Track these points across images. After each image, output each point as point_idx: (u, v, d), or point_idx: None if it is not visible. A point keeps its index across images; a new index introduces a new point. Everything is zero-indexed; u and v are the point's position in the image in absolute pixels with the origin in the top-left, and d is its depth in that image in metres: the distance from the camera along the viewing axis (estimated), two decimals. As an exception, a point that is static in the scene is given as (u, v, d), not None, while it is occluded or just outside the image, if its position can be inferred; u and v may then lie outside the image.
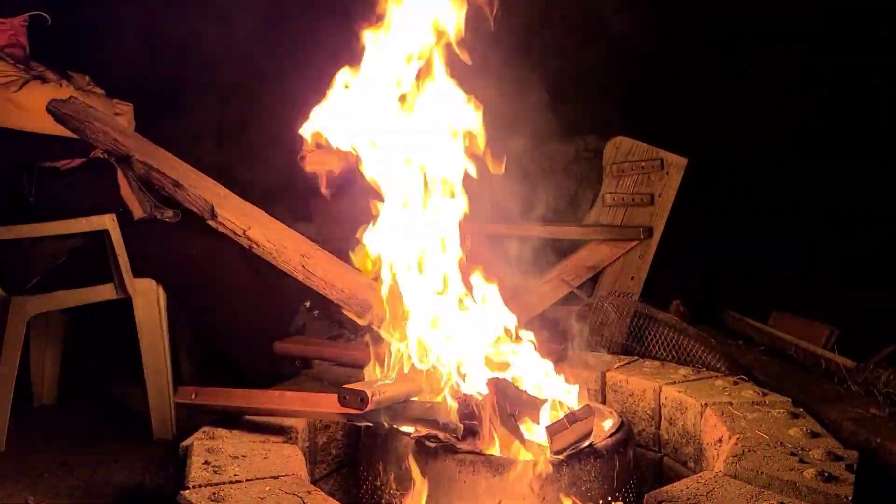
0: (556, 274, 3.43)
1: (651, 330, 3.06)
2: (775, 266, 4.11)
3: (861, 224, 4.08)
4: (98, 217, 2.74)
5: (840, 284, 3.80)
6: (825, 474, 1.75)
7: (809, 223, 4.14)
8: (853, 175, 4.09)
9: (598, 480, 1.90)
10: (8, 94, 2.84)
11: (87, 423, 2.97)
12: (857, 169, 4.06)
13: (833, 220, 4.10)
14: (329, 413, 2.05)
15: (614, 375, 2.55)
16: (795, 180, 4.15)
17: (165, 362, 2.81)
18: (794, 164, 4.15)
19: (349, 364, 2.62)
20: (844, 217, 4.10)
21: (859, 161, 4.04)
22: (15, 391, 2.72)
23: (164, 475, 2.44)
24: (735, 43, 4.25)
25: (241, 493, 1.75)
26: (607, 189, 3.47)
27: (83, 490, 2.38)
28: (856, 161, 4.04)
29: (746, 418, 2.13)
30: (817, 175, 4.10)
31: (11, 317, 2.71)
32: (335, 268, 2.52)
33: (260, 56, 3.87)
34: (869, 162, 4.02)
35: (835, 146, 4.09)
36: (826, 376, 2.82)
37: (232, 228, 2.47)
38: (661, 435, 2.43)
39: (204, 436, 2.08)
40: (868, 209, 4.08)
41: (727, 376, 2.50)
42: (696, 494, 1.71)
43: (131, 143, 2.56)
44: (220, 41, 3.53)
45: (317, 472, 2.32)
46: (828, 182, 4.13)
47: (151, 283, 2.82)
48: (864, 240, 4.05)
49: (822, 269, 4.03)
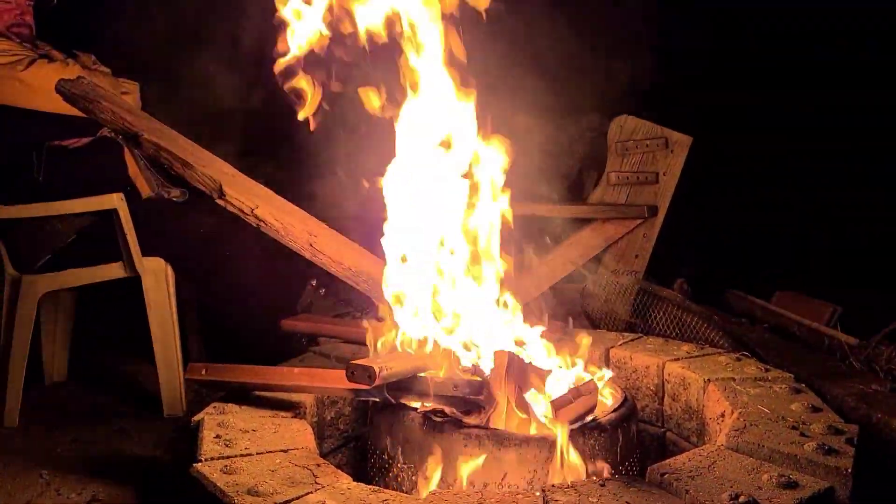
0: (560, 252, 3.44)
1: (655, 307, 3.08)
2: (779, 246, 4.11)
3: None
4: (107, 196, 2.76)
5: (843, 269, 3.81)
6: (825, 447, 1.78)
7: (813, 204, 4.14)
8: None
9: (602, 454, 1.93)
10: (15, 72, 2.85)
11: (98, 400, 3.01)
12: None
13: (837, 200, 4.10)
14: (337, 388, 2.08)
15: (618, 352, 2.58)
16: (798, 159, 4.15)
17: (175, 339, 2.84)
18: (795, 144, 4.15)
19: (356, 341, 2.65)
20: (844, 206, 4.09)
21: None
22: (27, 369, 2.75)
23: (175, 450, 2.48)
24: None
25: (253, 465, 1.78)
26: (612, 168, 3.48)
27: (96, 465, 2.42)
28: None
29: (749, 394, 2.15)
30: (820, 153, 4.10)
31: (22, 295, 2.74)
32: (342, 246, 2.54)
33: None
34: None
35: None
36: (829, 353, 2.84)
37: (240, 207, 2.48)
38: (664, 410, 2.46)
39: (214, 411, 2.11)
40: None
41: (730, 353, 2.53)
42: (698, 467, 1.73)
43: (139, 122, 2.57)
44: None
45: (325, 446, 2.36)
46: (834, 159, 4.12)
47: (160, 261, 2.85)
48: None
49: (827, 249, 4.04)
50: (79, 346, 3.26)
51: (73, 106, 2.60)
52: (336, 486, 1.69)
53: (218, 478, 1.71)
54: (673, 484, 1.66)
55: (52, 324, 3.15)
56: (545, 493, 1.64)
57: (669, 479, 1.67)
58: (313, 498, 1.63)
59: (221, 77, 3.35)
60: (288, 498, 1.63)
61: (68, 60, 3.04)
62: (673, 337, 2.88)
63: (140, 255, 2.80)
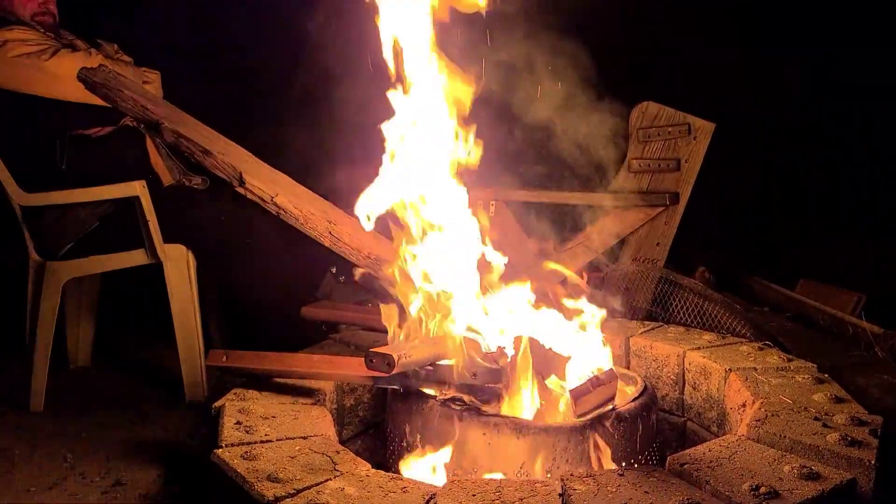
0: (580, 240, 3.43)
1: (676, 296, 3.06)
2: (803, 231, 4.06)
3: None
4: (129, 184, 2.78)
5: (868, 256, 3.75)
6: (848, 439, 1.76)
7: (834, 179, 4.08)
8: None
9: (622, 443, 1.92)
10: (39, 62, 2.87)
11: (121, 386, 3.05)
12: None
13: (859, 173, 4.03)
14: (356, 376, 2.09)
15: (638, 341, 2.56)
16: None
17: (196, 326, 2.86)
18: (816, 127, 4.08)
19: (376, 328, 2.65)
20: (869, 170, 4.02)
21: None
22: (51, 354, 2.79)
23: (197, 435, 2.51)
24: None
25: (273, 451, 1.80)
26: (633, 155, 3.45)
27: (119, 449, 2.45)
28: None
29: (770, 383, 2.13)
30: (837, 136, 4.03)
31: (47, 282, 2.78)
32: (361, 234, 2.54)
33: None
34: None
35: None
36: (853, 343, 2.81)
37: (260, 195, 2.49)
38: (684, 400, 2.45)
39: (235, 397, 2.13)
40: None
41: (752, 342, 2.50)
42: (718, 457, 1.72)
43: (161, 111, 2.59)
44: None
45: (344, 433, 2.37)
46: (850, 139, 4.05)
47: (181, 248, 2.87)
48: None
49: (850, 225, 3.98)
50: (102, 332, 3.30)
51: (95, 94, 2.62)
52: (355, 473, 1.70)
53: (238, 464, 1.72)
54: (693, 474, 1.65)
55: (76, 310, 3.19)
56: (564, 481, 1.64)
57: (689, 470, 1.66)
58: (333, 485, 1.64)
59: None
60: (307, 484, 1.64)
61: (91, 50, 3.06)
62: (694, 326, 2.85)
63: (162, 242, 2.82)
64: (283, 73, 4.35)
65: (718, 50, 4.07)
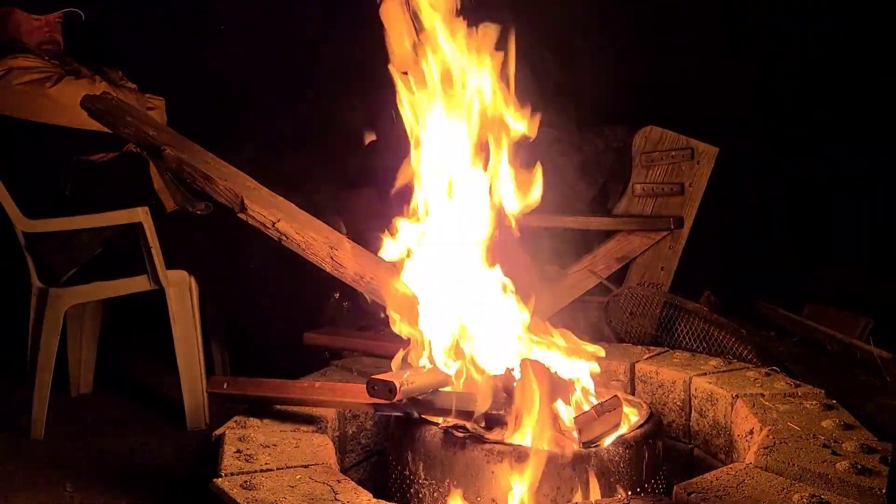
0: (584, 265, 3.41)
1: (681, 321, 3.03)
2: (809, 254, 4.04)
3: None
4: (132, 210, 2.78)
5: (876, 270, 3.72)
6: (858, 466, 1.73)
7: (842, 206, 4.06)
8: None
9: (627, 471, 1.89)
10: (43, 89, 2.90)
11: (122, 412, 3.03)
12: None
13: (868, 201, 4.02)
14: (358, 403, 2.07)
15: (644, 366, 2.54)
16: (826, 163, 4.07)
17: (198, 353, 2.85)
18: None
19: (378, 355, 2.63)
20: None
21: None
22: (53, 381, 2.78)
23: (197, 463, 2.48)
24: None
25: (273, 480, 1.77)
26: (637, 179, 3.44)
27: (119, 477, 2.43)
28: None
29: (778, 410, 2.10)
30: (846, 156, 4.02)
31: (49, 308, 2.77)
32: (364, 259, 2.53)
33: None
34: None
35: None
36: (861, 367, 2.78)
37: (261, 221, 2.48)
38: (691, 426, 2.41)
39: (236, 425, 2.11)
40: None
41: (759, 367, 2.47)
42: (726, 486, 1.69)
43: (162, 137, 2.59)
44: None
45: (346, 461, 2.34)
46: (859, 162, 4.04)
47: (184, 274, 2.86)
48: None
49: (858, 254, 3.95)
50: (104, 358, 3.28)
51: (97, 121, 2.63)
52: (356, 503, 1.67)
53: (237, 493, 1.70)
54: (700, 503, 1.62)
55: (78, 336, 3.18)
56: (568, 511, 1.61)
57: (696, 499, 1.63)
58: (333, 515, 1.62)
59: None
60: (307, 514, 1.62)
61: (95, 77, 3.08)
62: (700, 351, 2.82)
63: (164, 268, 2.81)
64: (291, 98, 4.38)
65: (721, 73, 4.09)
